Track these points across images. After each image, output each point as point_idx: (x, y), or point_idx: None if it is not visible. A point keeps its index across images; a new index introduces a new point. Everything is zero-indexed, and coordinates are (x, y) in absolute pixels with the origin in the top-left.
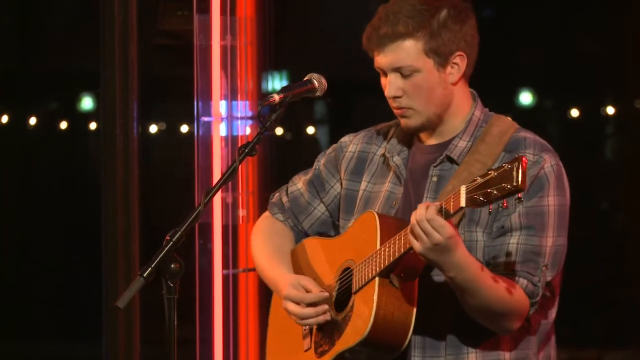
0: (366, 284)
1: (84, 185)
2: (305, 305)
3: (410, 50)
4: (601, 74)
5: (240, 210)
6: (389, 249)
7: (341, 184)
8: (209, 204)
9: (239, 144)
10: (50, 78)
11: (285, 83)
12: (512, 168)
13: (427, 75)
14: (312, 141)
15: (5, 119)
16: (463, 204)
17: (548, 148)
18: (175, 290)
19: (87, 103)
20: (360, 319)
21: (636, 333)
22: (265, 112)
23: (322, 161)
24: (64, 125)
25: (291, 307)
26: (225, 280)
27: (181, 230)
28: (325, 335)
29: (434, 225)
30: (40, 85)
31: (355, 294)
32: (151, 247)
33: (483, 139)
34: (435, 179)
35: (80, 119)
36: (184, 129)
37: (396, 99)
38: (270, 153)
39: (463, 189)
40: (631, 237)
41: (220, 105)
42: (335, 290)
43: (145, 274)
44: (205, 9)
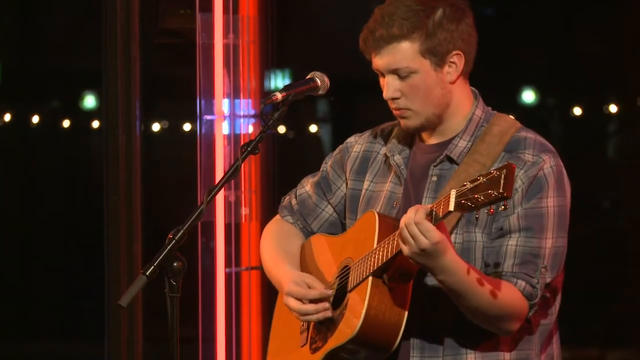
0: (360, 282)
1: (86, 183)
2: (308, 302)
3: (406, 52)
4: (604, 72)
5: (243, 209)
6: (382, 249)
7: (347, 184)
8: (211, 203)
9: (242, 143)
10: (52, 76)
11: (287, 81)
12: (500, 175)
13: (425, 75)
14: (315, 140)
15: (7, 117)
16: (452, 208)
17: (548, 148)
18: (178, 289)
19: (90, 101)
20: (352, 316)
21: (638, 332)
22: (267, 111)
23: (329, 163)
24: (66, 123)
25: (292, 303)
26: (228, 279)
27: (184, 229)
28: (320, 331)
29: (421, 229)
30: (43, 84)
31: (350, 292)
32: (154, 246)
33: (483, 138)
34: (435, 178)
35: (82, 117)
36: (187, 127)
37: (394, 100)
38: (273, 151)
39: (453, 193)
40: (634, 236)
41: (223, 104)
42: (334, 288)
43: (148, 272)
44: (208, 7)
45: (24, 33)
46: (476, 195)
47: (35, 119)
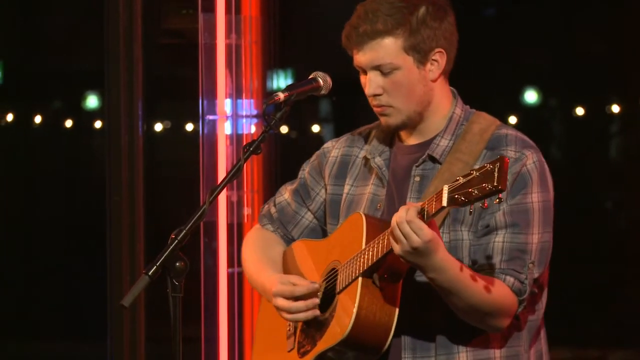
0: (350, 284)
1: (88, 183)
2: (296, 298)
3: (390, 47)
4: (606, 73)
5: (245, 209)
6: (372, 249)
7: (326, 190)
8: (214, 203)
9: (244, 143)
10: (55, 76)
11: (290, 81)
12: (494, 168)
13: (407, 72)
14: (317, 140)
15: (10, 117)
16: (445, 203)
17: (530, 144)
18: (181, 289)
19: (92, 102)
20: (342, 318)
21: (639, 332)
22: (270, 111)
23: (307, 169)
24: (69, 123)
25: (281, 302)
26: (230, 279)
27: (186, 229)
28: (308, 335)
29: (413, 228)
30: (45, 84)
31: (339, 293)
32: (156, 246)
33: (464, 137)
34: (418, 179)
35: (85, 117)
36: (189, 127)
37: (376, 97)
38: (275, 151)
39: (446, 189)
40: (636, 236)
41: (225, 104)
42: (321, 291)
43: (150, 273)
44: (210, 7)
45: (26, 33)
46: (470, 190)
47: (37, 119)
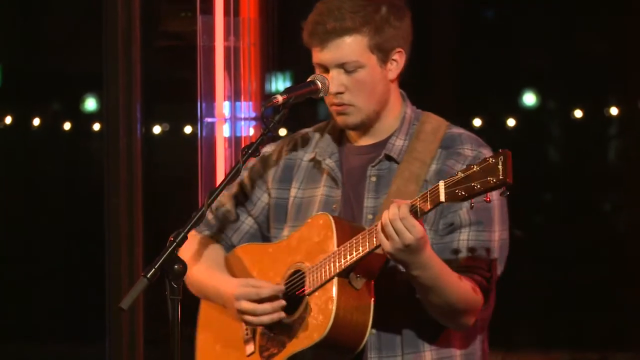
0: (323, 284)
1: (87, 186)
2: (261, 300)
3: (356, 45)
4: (605, 75)
5: None
6: (349, 249)
7: (269, 194)
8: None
9: (243, 145)
10: (53, 79)
11: (288, 84)
12: (497, 162)
13: (371, 71)
14: None
15: (9, 119)
16: (442, 199)
17: (483, 143)
18: (179, 291)
19: (91, 104)
20: (318, 319)
21: (639, 335)
22: (268, 113)
23: (246, 174)
24: (67, 126)
25: (245, 305)
26: None
27: (185, 231)
28: (273, 338)
29: (406, 225)
30: (44, 86)
31: (309, 295)
32: (154, 248)
33: (418, 136)
34: (374, 179)
35: (83, 120)
36: (188, 129)
37: (338, 95)
38: None
39: (442, 185)
40: (634, 238)
41: (224, 106)
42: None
43: (148, 275)
44: (209, 10)
45: (25, 36)
46: (472, 184)
47: (36, 122)
